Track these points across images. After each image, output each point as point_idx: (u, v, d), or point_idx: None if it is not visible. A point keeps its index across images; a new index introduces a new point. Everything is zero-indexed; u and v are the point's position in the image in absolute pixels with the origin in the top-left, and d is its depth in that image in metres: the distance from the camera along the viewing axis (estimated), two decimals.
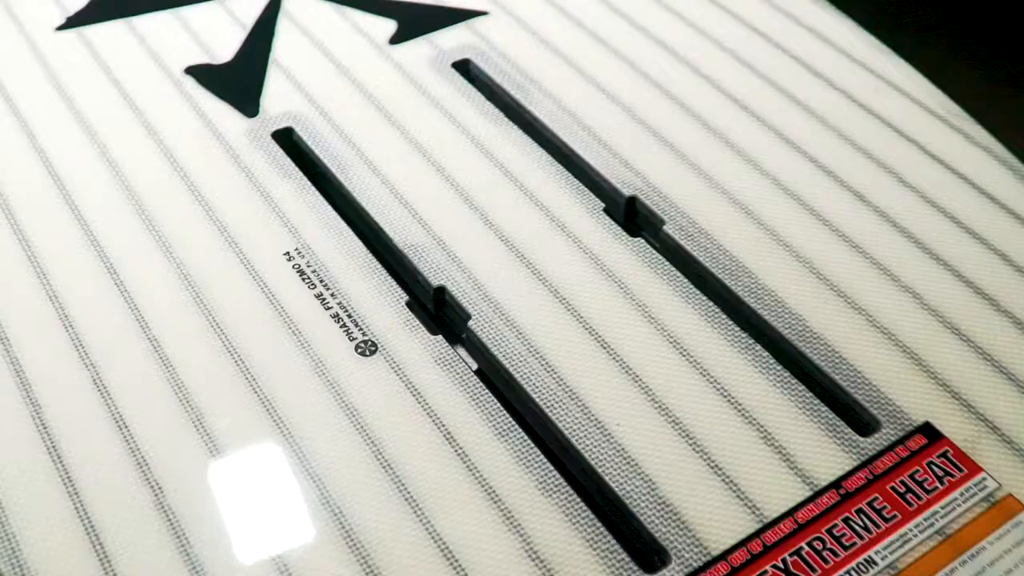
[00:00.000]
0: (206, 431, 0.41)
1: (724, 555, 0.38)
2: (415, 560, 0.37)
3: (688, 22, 0.61)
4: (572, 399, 0.42)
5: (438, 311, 0.47)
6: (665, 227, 0.49)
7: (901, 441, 0.41)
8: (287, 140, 0.54)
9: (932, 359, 0.44)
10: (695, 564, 0.38)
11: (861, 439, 0.41)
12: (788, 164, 0.52)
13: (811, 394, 0.43)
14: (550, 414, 0.42)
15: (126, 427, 0.41)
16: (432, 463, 0.40)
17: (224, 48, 0.60)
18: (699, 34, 0.60)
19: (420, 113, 0.55)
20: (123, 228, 0.49)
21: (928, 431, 0.42)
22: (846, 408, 0.43)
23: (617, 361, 0.44)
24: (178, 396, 0.42)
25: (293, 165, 0.52)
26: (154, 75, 0.58)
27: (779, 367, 0.43)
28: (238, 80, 0.57)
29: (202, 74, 0.58)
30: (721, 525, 0.39)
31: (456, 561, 0.37)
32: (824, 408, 0.42)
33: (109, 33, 0.61)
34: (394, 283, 0.47)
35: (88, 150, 0.53)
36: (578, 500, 0.39)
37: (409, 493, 0.39)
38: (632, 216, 0.51)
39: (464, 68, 0.59)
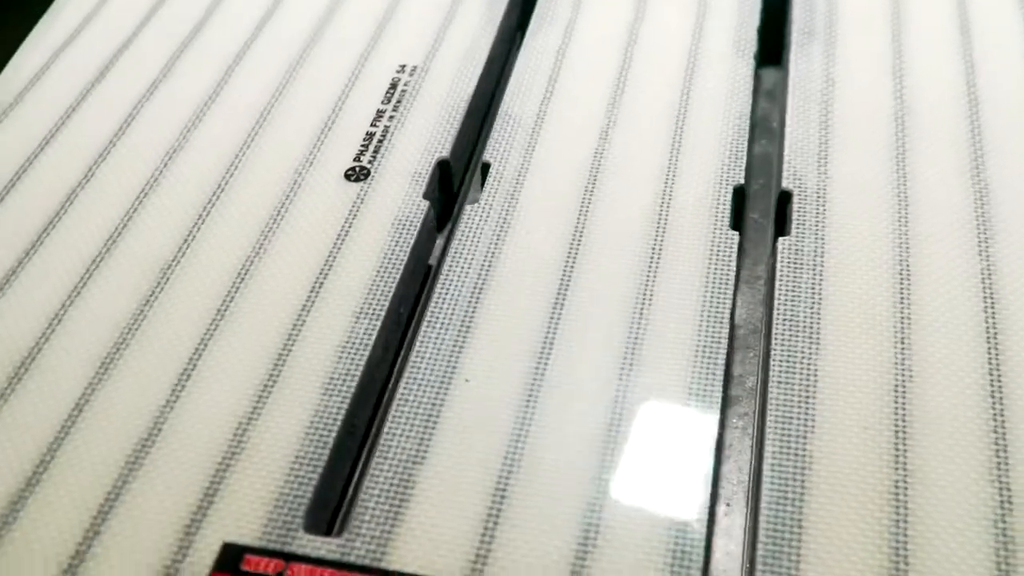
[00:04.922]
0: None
1: None
2: None
3: None
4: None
5: (455, 184, 0.40)
6: (784, 239, 0.36)
7: None
8: None
9: None
10: None
11: None
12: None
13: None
14: (427, 330, 0.34)
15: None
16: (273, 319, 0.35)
17: None
18: None
19: (671, 11, 0.46)
20: None
21: None
22: None
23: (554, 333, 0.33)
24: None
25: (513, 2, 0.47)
26: None
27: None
28: None
29: None
30: None
31: None
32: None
33: None
34: (452, 140, 0.40)
35: None
36: None
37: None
38: (783, 213, 0.38)
39: None
